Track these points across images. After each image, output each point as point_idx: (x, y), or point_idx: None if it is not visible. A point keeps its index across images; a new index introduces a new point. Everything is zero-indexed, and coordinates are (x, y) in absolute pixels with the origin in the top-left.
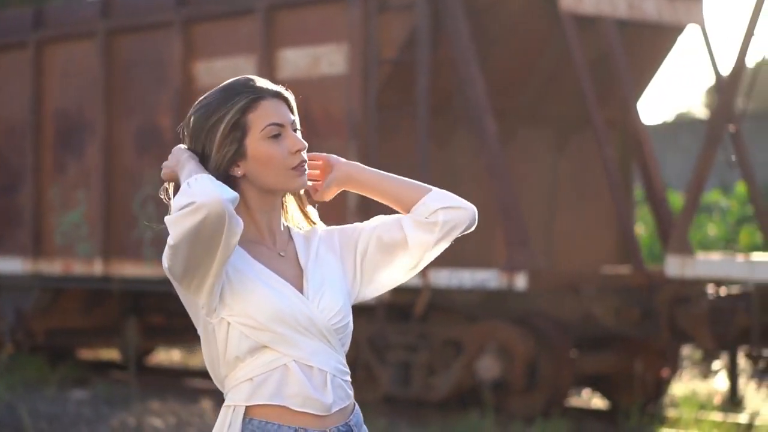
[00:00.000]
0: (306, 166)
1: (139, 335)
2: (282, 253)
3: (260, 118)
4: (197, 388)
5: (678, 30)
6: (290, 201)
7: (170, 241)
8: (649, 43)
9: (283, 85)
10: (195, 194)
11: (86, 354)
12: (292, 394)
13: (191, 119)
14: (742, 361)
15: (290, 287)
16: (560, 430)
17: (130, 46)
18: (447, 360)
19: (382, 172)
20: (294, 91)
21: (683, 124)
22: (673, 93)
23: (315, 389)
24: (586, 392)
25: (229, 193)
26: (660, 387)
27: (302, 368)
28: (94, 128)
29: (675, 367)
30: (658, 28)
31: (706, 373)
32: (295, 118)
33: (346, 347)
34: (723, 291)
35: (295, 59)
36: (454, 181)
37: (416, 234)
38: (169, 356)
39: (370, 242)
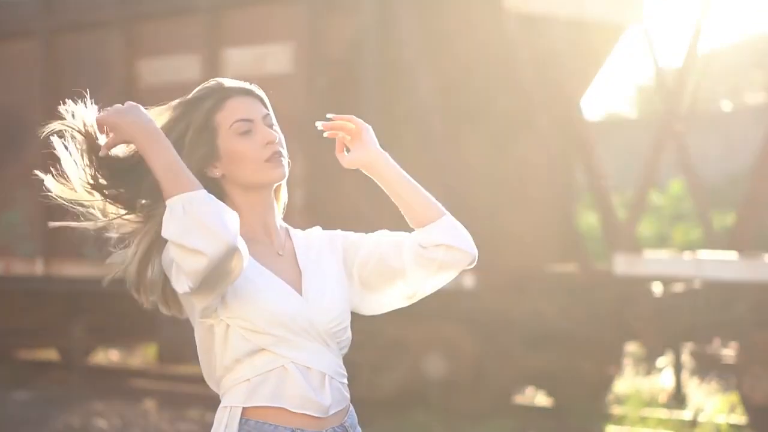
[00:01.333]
0: (282, 159)
1: (83, 335)
2: (280, 252)
3: (228, 116)
4: (140, 389)
5: (620, 29)
6: (282, 195)
7: (183, 278)
8: (592, 42)
9: None
10: (200, 242)
11: (23, 354)
12: (290, 396)
13: (165, 124)
14: (687, 359)
15: (289, 288)
16: (506, 429)
17: (72, 45)
18: (393, 359)
19: (405, 174)
20: None
21: (613, 123)
22: (603, 92)
23: (313, 391)
24: (530, 390)
25: (234, 228)
26: (605, 384)
27: (300, 370)
28: (34, 127)
29: (620, 364)
30: (602, 27)
31: (651, 370)
32: (269, 112)
33: (344, 351)
34: (669, 288)
35: (240, 58)
36: None
37: (414, 268)
38: (106, 356)
39: (371, 259)
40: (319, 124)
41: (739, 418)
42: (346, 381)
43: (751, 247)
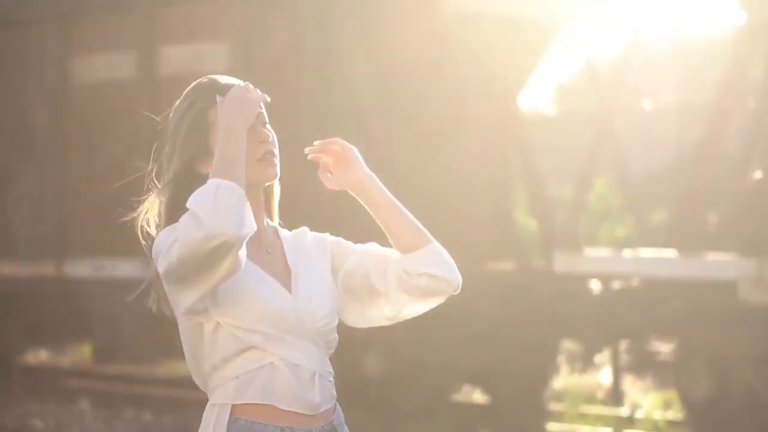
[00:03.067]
0: (274, 158)
1: (16, 335)
2: (269, 251)
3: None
4: (74, 389)
5: (554, 28)
6: (275, 195)
7: (174, 254)
8: (526, 40)
9: (165, 83)
10: (212, 218)
11: None
12: (279, 393)
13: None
14: (625, 356)
15: (279, 286)
16: (444, 427)
17: (5, 42)
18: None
19: (393, 198)
20: (176, 90)
21: (535, 121)
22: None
23: (303, 388)
24: (468, 387)
25: (246, 229)
26: (543, 381)
27: (290, 367)
28: None
29: (557, 361)
30: (536, 26)
31: (589, 367)
32: (262, 110)
33: (331, 351)
34: (607, 286)
35: (176, 57)
36: None
37: (397, 292)
38: (37, 357)
39: (356, 273)
40: (307, 150)
41: (676, 414)
42: (332, 379)
43: (687, 245)
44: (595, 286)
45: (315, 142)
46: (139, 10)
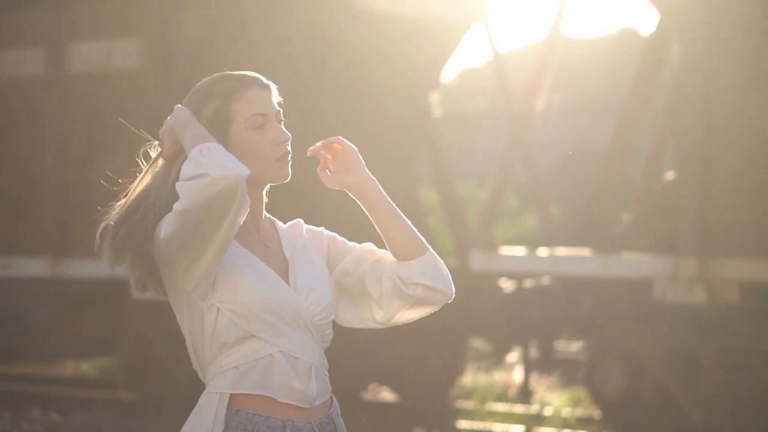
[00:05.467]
0: (289, 160)
1: None
2: (268, 244)
3: (245, 108)
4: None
5: (463, 28)
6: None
7: (179, 207)
8: (436, 40)
9: (75, 79)
10: (210, 166)
11: None
12: (277, 385)
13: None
14: (535, 353)
15: (278, 278)
16: (354, 425)
17: None
18: None
19: (392, 204)
20: (86, 86)
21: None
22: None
23: (300, 381)
24: (376, 386)
25: (243, 169)
26: (452, 379)
27: (288, 359)
28: None
29: (467, 359)
30: (445, 26)
31: (499, 365)
32: (280, 109)
33: (326, 345)
34: (517, 284)
35: (87, 53)
36: None
37: (390, 298)
38: None
39: (351, 275)
40: (309, 149)
41: (585, 411)
42: (327, 373)
43: (601, 243)
44: (509, 284)
45: (317, 143)
46: (47, 5)
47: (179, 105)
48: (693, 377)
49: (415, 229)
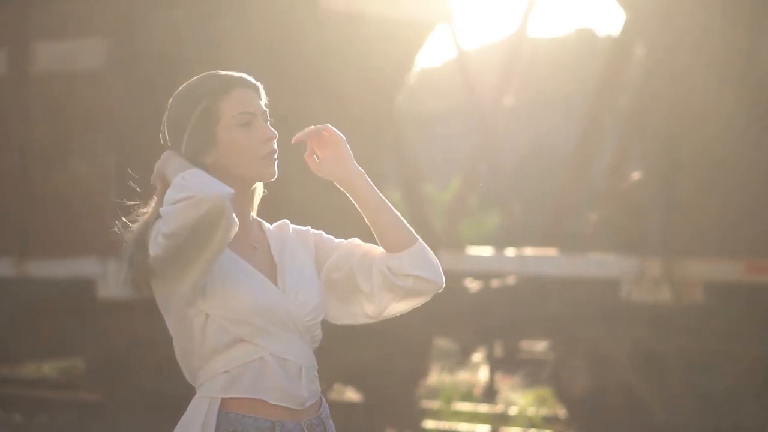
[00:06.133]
0: (276, 158)
1: None
2: (256, 246)
3: (232, 106)
4: None
5: (429, 27)
6: (257, 191)
7: (165, 229)
8: (403, 39)
9: (39, 79)
10: (194, 189)
11: None
12: (269, 388)
13: (168, 107)
14: (500, 353)
15: (267, 280)
16: None
17: None
18: None
19: (381, 195)
20: (50, 86)
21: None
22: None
23: (290, 383)
24: (339, 386)
25: (227, 189)
26: (417, 379)
27: (278, 361)
28: None
29: (431, 359)
30: (411, 25)
31: (464, 365)
32: (266, 109)
33: (316, 345)
34: (484, 284)
35: (51, 53)
36: None
37: (381, 291)
38: None
39: (340, 271)
40: (296, 137)
41: (549, 411)
42: (317, 374)
43: (563, 244)
44: (475, 284)
45: (306, 129)
46: (11, 4)
47: (166, 151)
48: (658, 377)
49: (404, 220)
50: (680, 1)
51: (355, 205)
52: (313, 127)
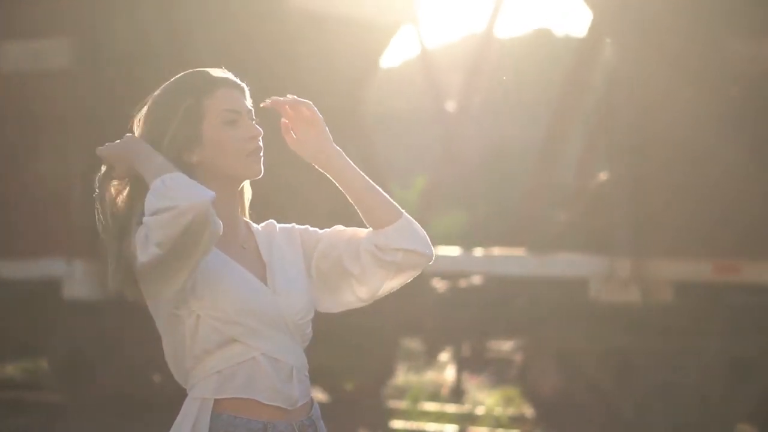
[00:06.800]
0: (261, 156)
1: None
2: (244, 246)
3: (217, 104)
4: None
5: (394, 29)
6: (246, 191)
7: (154, 240)
8: (368, 40)
9: (5, 79)
10: (176, 197)
11: None
12: (261, 388)
13: (148, 105)
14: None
15: (257, 280)
16: None
17: None
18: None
19: (361, 173)
20: (15, 86)
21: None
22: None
23: (282, 383)
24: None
25: (209, 193)
26: (384, 379)
27: (270, 361)
28: None
29: (398, 359)
30: (376, 26)
31: (430, 364)
32: (252, 108)
33: (306, 344)
34: (451, 284)
35: (16, 52)
36: None
37: (372, 271)
38: None
39: (328, 259)
40: (269, 100)
41: (516, 410)
42: (308, 374)
43: (530, 244)
44: (442, 284)
45: (286, 97)
46: None
47: (130, 135)
48: (626, 376)
49: (387, 195)
50: (647, 1)
51: (338, 185)
52: (292, 96)
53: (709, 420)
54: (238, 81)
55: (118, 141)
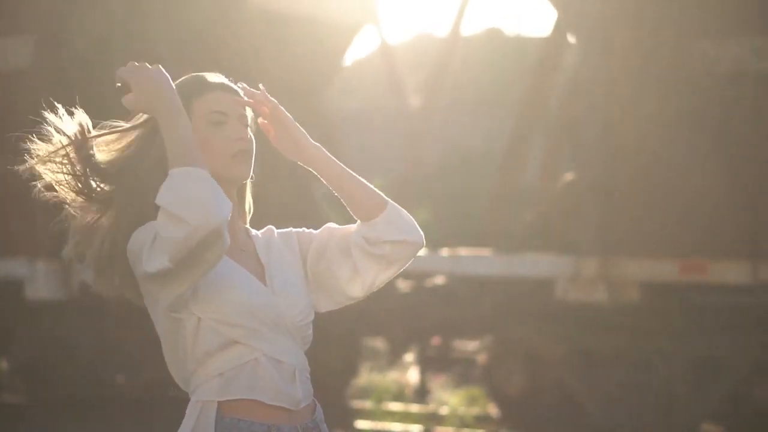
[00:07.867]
0: (249, 158)
1: None
2: (243, 249)
3: (205, 105)
4: None
5: (356, 29)
6: (246, 199)
7: (164, 251)
8: (330, 40)
9: None
10: (190, 210)
11: None
12: (264, 388)
13: None
14: (432, 353)
15: (257, 281)
16: None
17: None
18: (145, 358)
19: (343, 167)
20: None
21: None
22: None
23: (285, 383)
24: None
25: (225, 212)
26: (348, 379)
27: (272, 362)
28: None
29: (361, 358)
30: (339, 26)
31: (394, 364)
32: (245, 113)
33: (307, 346)
34: (416, 284)
35: None
36: None
37: (364, 265)
38: None
39: (321, 260)
40: (241, 85)
41: (481, 410)
42: (309, 375)
43: (496, 244)
44: (407, 284)
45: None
46: None
47: (160, 67)
48: (593, 376)
49: (371, 186)
50: (612, 1)
51: (324, 181)
52: (262, 90)
53: (674, 419)
54: (235, 87)
55: (145, 66)
